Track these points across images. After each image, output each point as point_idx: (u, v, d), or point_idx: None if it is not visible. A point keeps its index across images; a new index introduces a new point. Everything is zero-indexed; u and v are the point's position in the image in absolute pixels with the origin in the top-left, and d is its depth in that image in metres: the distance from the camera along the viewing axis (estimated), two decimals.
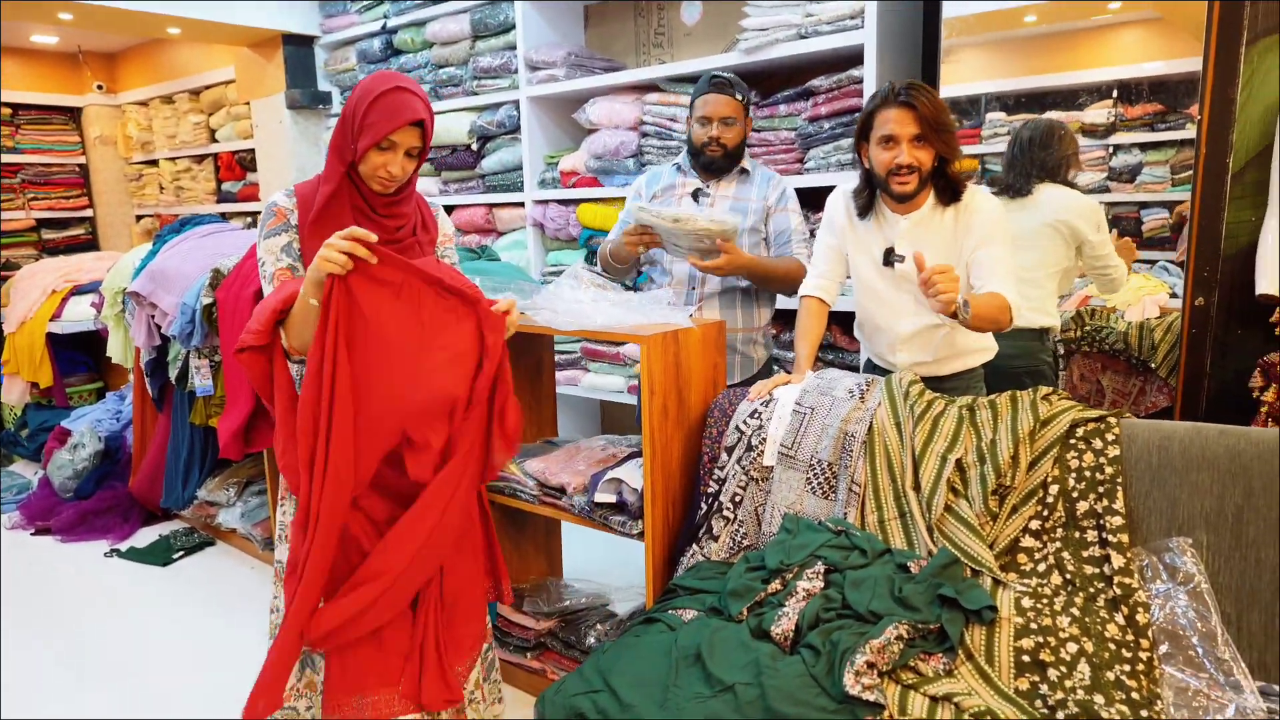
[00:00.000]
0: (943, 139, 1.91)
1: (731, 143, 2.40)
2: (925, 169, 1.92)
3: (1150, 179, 2.70)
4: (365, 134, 1.67)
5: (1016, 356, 2.47)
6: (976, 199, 1.98)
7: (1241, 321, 2.18)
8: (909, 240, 1.98)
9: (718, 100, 2.36)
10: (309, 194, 1.76)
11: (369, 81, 1.70)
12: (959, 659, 1.44)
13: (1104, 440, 1.59)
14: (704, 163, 2.44)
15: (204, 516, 3.58)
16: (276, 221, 1.74)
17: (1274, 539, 1.43)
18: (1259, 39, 2.10)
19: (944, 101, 1.95)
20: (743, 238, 2.40)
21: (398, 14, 4.18)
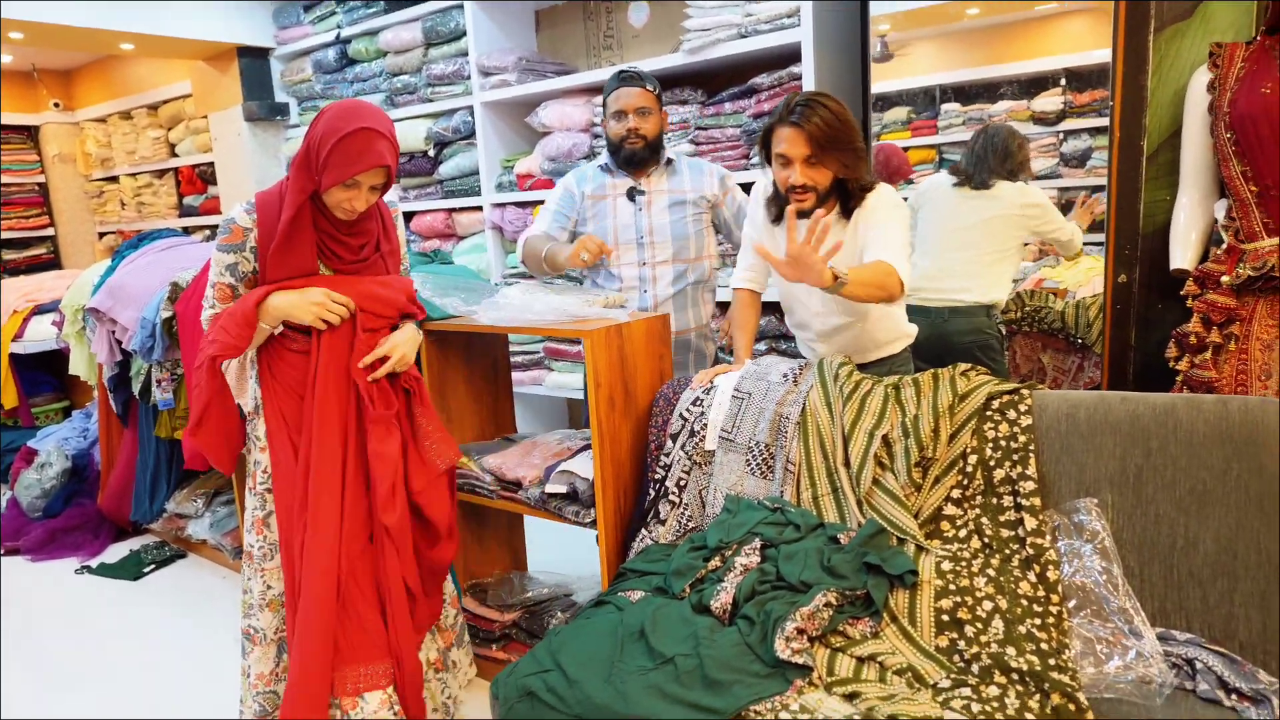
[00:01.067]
0: (839, 158, 1.89)
1: (651, 133, 2.43)
2: (821, 187, 1.92)
3: (1100, 163, 2.76)
4: (329, 172, 1.71)
5: (966, 332, 2.64)
6: (870, 200, 1.98)
7: (1161, 296, 2.28)
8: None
9: (629, 92, 2.40)
10: (271, 206, 1.80)
11: (335, 116, 1.72)
12: (884, 621, 1.52)
13: (1017, 411, 1.69)
14: (625, 156, 2.45)
15: (174, 529, 3.60)
16: (231, 239, 1.81)
17: (1170, 495, 1.52)
18: (1165, 26, 2.20)
19: (846, 116, 1.91)
20: (687, 227, 2.46)
21: (351, 24, 4.22)
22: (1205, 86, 2.07)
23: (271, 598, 1.97)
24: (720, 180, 2.54)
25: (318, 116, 1.76)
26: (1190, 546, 1.50)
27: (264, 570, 1.96)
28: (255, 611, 1.97)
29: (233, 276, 1.82)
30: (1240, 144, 1.96)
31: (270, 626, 1.97)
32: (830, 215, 1.85)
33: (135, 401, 3.50)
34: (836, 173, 1.93)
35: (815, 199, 1.94)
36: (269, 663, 1.99)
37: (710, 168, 2.55)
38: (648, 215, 2.45)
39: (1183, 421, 1.53)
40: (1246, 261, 1.95)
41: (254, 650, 1.99)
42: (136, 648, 2.84)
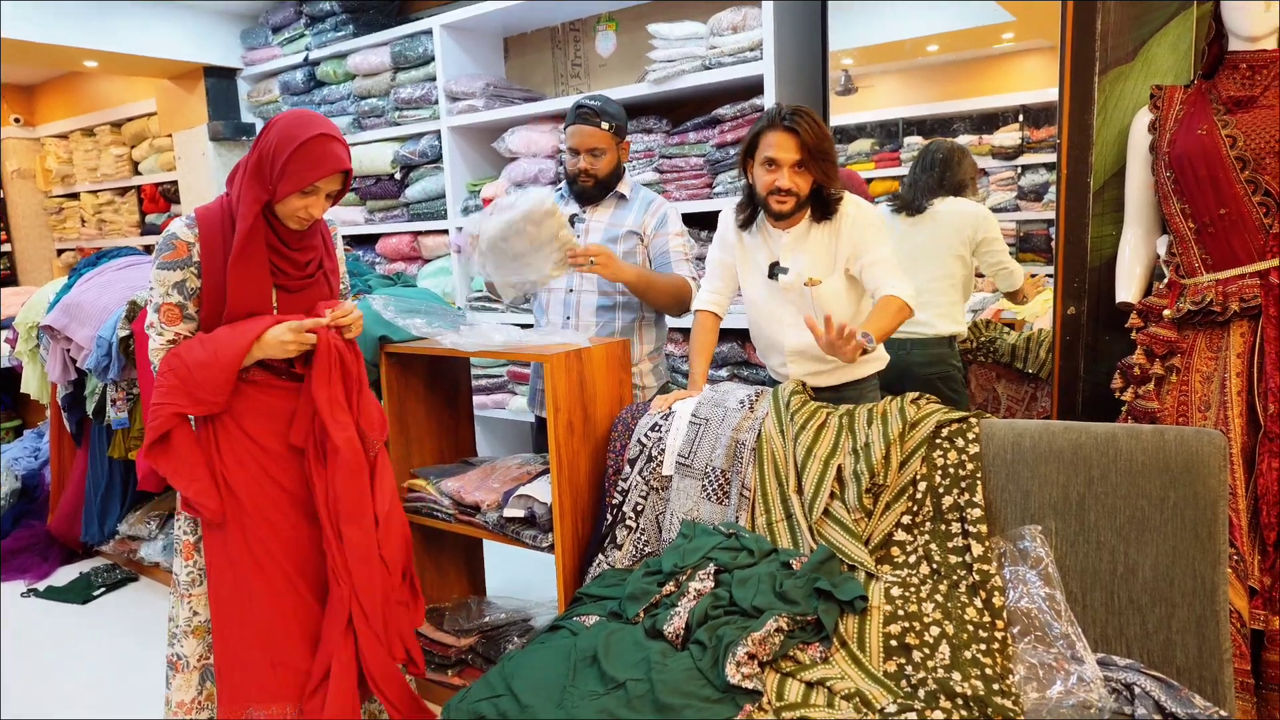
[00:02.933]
0: (821, 167, 2.00)
1: (602, 172, 2.41)
2: (802, 193, 2.02)
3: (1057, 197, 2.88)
4: (287, 180, 1.71)
5: (930, 364, 2.67)
6: (849, 209, 2.08)
7: (1109, 328, 2.34)
8: (791, 253, 2.10)
9: (583, 131, 2.37)
10: (213, 220, 1.78)
11: (288, 124, 1.73)
12: (834, 646, 1.54)
13: (965, 439, 1.72)
14: (576, 193, 2.47)
15: (125, 552, 3.53)
16: (175, 255, 1.76)
17: (1110, 523, 1.56)
18: (1109, 69, 2.29)
19: (827, 129, 2.04)
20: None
21: (319, 46, 4.23)
22: (1147, 127, 2.15)
23: (196, 624, 1.95)
24: (661, 220, 2.46)
25: (267, 127, 1.76)
26: (1130, 573, 1.53)
27: (190, 596, 1.94)
28: (180, 638, 1.95)
29: (180, 295, 1.79)
30: (1179, 183, 2.03)
31: (194, 654, 1.95)
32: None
33: (89, 421, 3.44)
34: (817, 179, 2.02)
35: (794, 203, 2.03)
36: (190, 690, 1.96)
37: (659, 207, 2.48)
38: (583, 243, 2.45)
39: (1123, 451, 1.57)
40: (1186, 296, 2.02)
41: (176, 677, 1.96)
42: (84, 672, 2.77)
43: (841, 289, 2.10)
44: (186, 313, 1.81)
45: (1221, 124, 1.97)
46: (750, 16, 2.95)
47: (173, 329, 1.80)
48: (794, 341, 2.14)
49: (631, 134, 3.34)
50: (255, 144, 1.76)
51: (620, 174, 2.49)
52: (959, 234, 2.66)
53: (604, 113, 2.39)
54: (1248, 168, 1.92)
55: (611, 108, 2.43)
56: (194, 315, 1.82)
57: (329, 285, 1.96)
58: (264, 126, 1.77)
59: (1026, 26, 2.93)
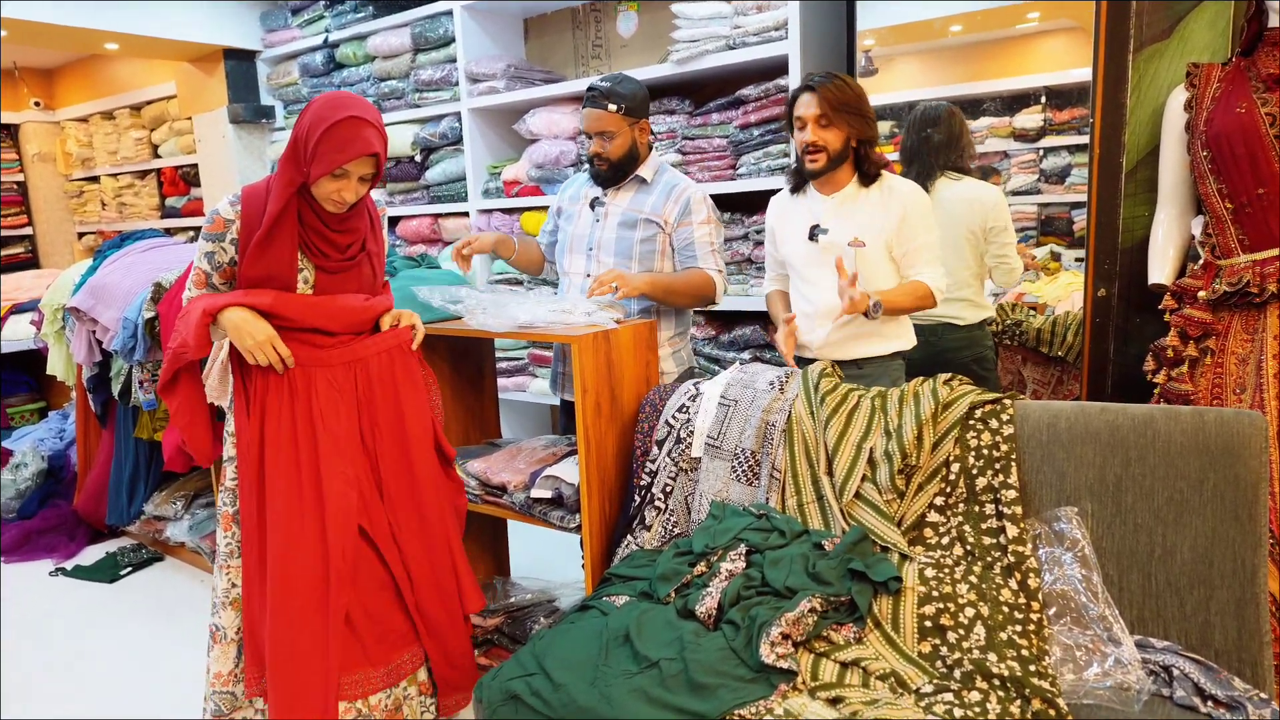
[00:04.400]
0: (849, 120, 2.06)
1: (615, 154, 2.35)
2: (832, 148, 2.08)
3: (1079, 180, 2.83)
4: (318, 162, 1.71)
5: (963, 347, 2.65)
6: (897, 182, 2.15)
7: (1140, 310, 2.32)
8: (834, 217, 2.14)
9: (591, 114, 2.33)
10: (257, 200, 1.81)
11: (322, 106, 1.73)
12: (868, 627, 1.54)
13: (999, 420, 1.71)
14: (593, 175, 2.44)
15: (151, 532, 3.57)
16: (212, 229, 1.83)
17: (1148, 505, 1.55)
18: (1144, 46, 2.25)
19: (858, 88, 2.09)
20: (632, 246, 2.40)
21: (339, 28, 4.22)
22: (1182, 105, 2.11)
23: (234, 596, 1.97)
24: (684, 208, 2.36)
25: (305, 109, 1.77)
26: (1168, 555, 1.52)
27: (229, 568, 1.97)
28: (219, 609, 1.98)
29: (208, 264, 1.86)
30: (1216, 162, 2.00)
31: (231, 625, 1.97)
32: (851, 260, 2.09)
33: (114, 402, 3.47)
34: (848, 135, 2.08)
35: (826, 159, 2.09)
36: (228, 662, 1.98)
37: (682, 192, 2.38)
38: (601, 228, 2.42)
39: (1161, 432, 1.56)
40: (1222, 277, 2.00)
41: (215, 648, 1.99)
42: (112, 650, 2.81)
43: (883, 258, 2.14)
44: (211, 281, 1.88)
45: (1261, 102, 1.93)
46: None
47: (197, 290, 1.89)
48: (827, 302, 2.13)
49: (653, 115, 3.32)
50: (294, 126, 1.78)
51: (637, 156, 2.40)
52: (972, 220, 2.62)
53: (612, 94, 2.32)
54: None
55: (624, 88, 2.34)
56: (217, 286, 1.88)
57: (371, 268, 1.96)
58: (304, 108, 1.79)
59: (1052, 6, 2.88)
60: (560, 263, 2.54)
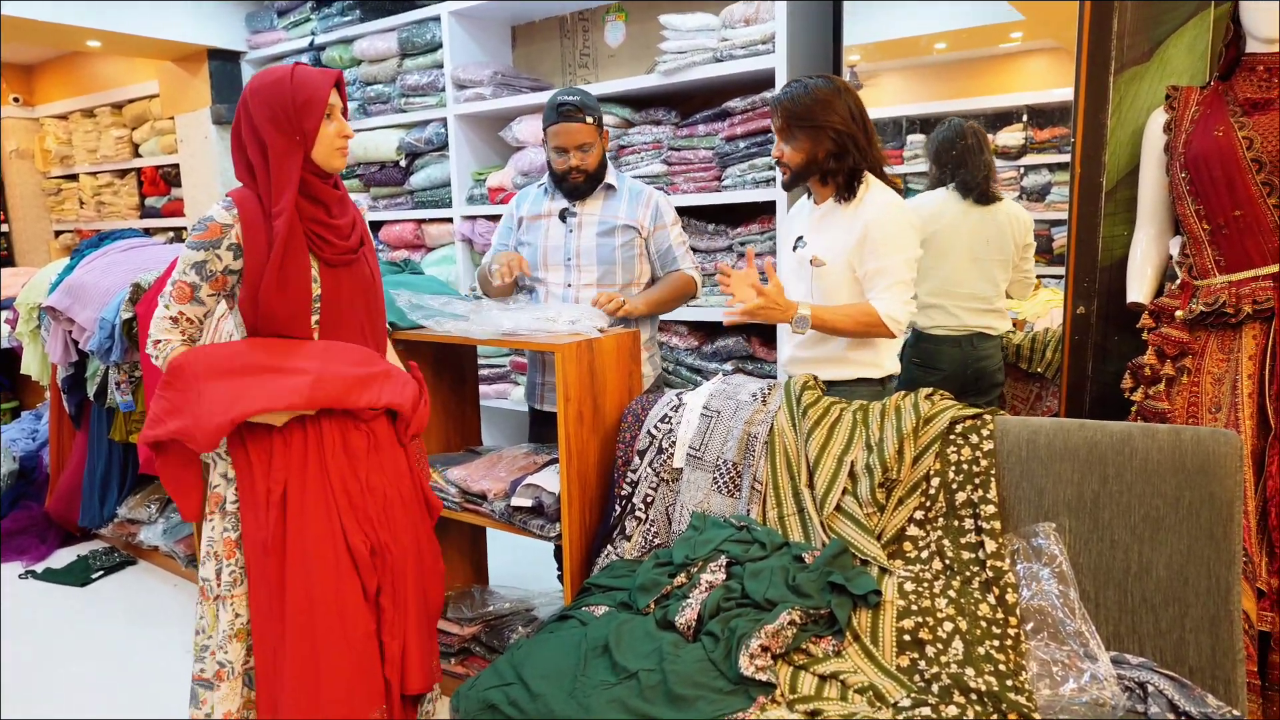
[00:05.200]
0: (809, 135, 1.98)
1: (591, 165, 2.38)
2: (793, 163, 2.03)
3: (1059, 198, 2.87)
4: (309, 112, 1.66)
5: (992, 355, 2.75)
6: (869, 199, 2.02)
7: (1118, 328, 2.34)
8: (814, 229, 2.11)
9: (569, 129, 2.33)
10: (250, 203, 1.70)
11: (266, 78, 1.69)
12: (847, 640, 1.54)
13: (980, 435, 1.72)
14: (568, 190, 2.43)
15: (124, 535, 3.52)
16: (206, 236, 1.69)
17: (1125, 522, 1.57)
18: (1125, 68, 2.28)
19: (825, 97, 1.97)
20: (615, 253, 2.43)
21: (325, 31, 4.20)
22: (1162, 127, 2.15)
23: (239, 627, 1.80)
24: (655, 213, 2.45)
25: (243, 101, 1.69)
26: (1144, 572, 1.54)
27: (232, 598, 1.79)
28: (225, 643, 1.79)
29: (198, 275, 1.70)
30: (1194, 184, 2.03)
31: (239, 659, 1.81)
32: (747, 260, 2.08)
33: (89, 403, 3.42)
34: (809, 152, 2.01)
35: (789, 174, 2.06)
36: (236, 698, 1.81)
37: (651, 197, 2.46)
38: (577, 238, 2.43)
39: (1138, 450, 1.58)
40: (1199, 297, 2.02)
41: (220, 687, 1.80)
42: (82, 655, 2.76)
43: (847, 277, 2.05)
44: (198, 294, 1.72)
45: (1238, 126, 1.96)
46: (763, 9, 2.93)
47: (179, 305, 1.73)
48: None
49: (639, 125, 3.33)
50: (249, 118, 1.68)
51: (605, 164, 2.46)
52: (1017, 237, 2.71)
53: (585, 107, 2.35)
54: (1264, 170, 1.92)
55: (589, 100, 2.39)
56: (204, 300, 1.73)
57: (370, 268, 1.87)
58: (240, 105, 1.70)
59: (1035, 26, 2.92)
60: (538, 288, 2.53)
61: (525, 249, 2.53)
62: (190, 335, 1.75)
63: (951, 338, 2.69)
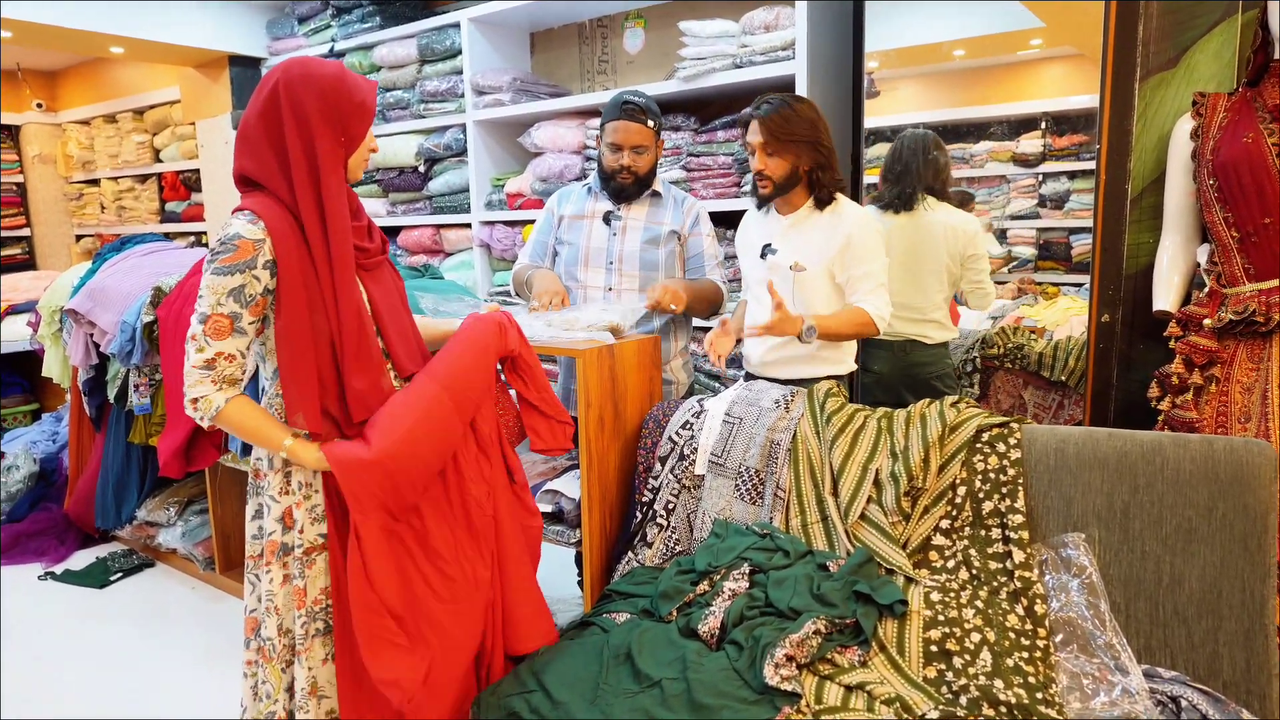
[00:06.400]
0: (794, 149, 2.07)
1: (643, 170, 2.40)
2: (777, 177, 2.10)
3: (1078, 206, 2.86)
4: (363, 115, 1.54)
5: (929, 364, 2.75)
6: (847, 209, 2.14)
7: (1144, 336, 2.32)
8: (784, 239, 2.18)
9: (629, 128, 2.35)
10: (276, 211, 1.51)
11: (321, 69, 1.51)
12: (873, 650, 1.52)
13: (1007, 444, 1.71)
14: (614, 189, 2.44)
15: (143, 537, 3.53)
16: (236, 258, 1.47)
17: (1156, 533, 1.54)
18: (1150, 75, 2.26)
19: (807, 114, 2.09)
20: (659, 258, 2.45)
21: (345, 37, 4.22)
22: (1189, 134, 2.12)
23: (312, 682, 1.64)
24: (695, 220, 2.50)
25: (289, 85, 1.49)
26: (1176, 584, 1.51)
27: (309, 650, 1.63)
28: (303, 705, 1.63)
29: (237, 303, 1.48)
30: (1223, 191, 2.01)
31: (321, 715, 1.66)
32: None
33: (109, 406, 3.44)
34: (794, 165, 2.10)
35: (772, 187, 2.13)
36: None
37: (692, 206, 2.52)
38: (620, 242, 2.44)
39: (1170, 460, 1.55)
40: (1228, 305, 2.00)
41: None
42: (100, 657, 2.77)
43: (824, 282, 2.15)
44: (239, 325, 1.50)
45: (1268, 132, 1.94)
46: (783, 15, 2.93)
47: (217, 344, 1.49)
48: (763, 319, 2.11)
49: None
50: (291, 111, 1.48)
51: (654, 173, 2.49)
52: (950, 246, 2.72)
53: (649, 110, 2.39)
54: None
55: (653, 105, 2.43)
56: (246, 329, 1.52)
57: (393, 270, 1.77)
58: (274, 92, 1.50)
59: (1055, 32, 2.91)
60: (572, 274, 2.53)
61: (565, 248, 2.53)
62: (230, 376, 1.52)
63: (884, 342, 2.72)
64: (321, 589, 1.64)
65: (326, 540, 1.63)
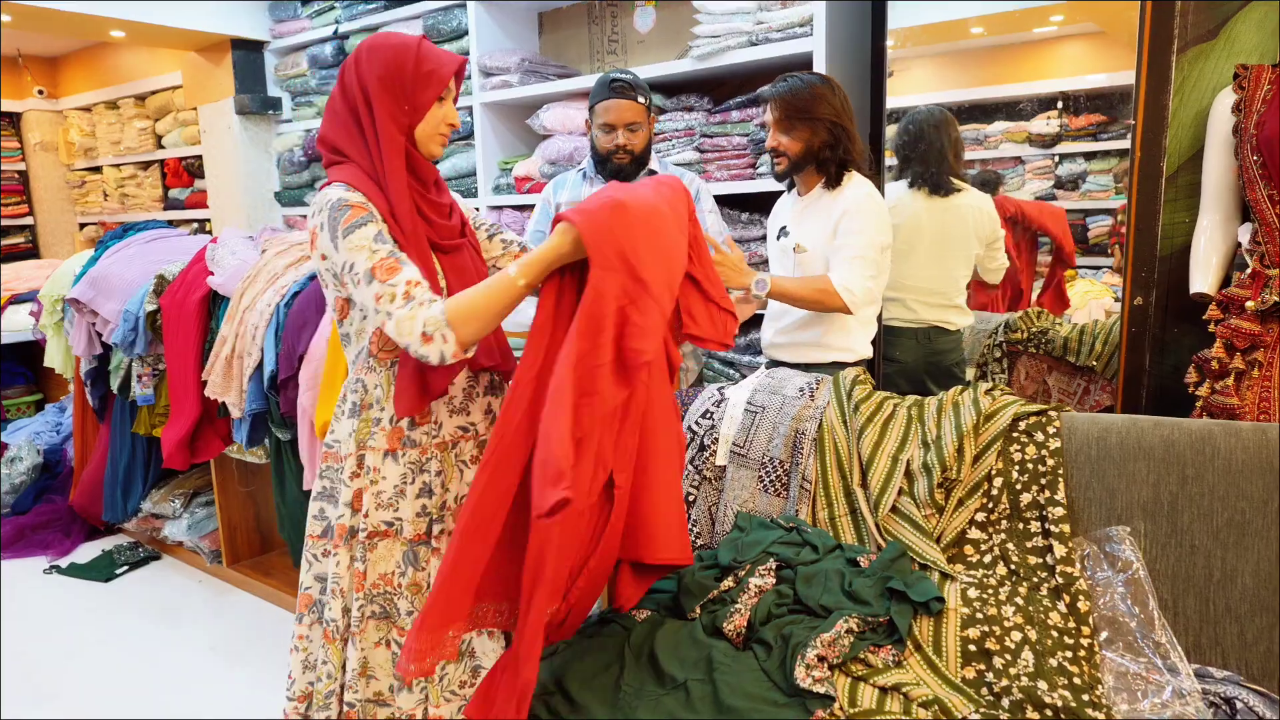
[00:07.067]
0: (808, 127, 2.05)
1: (639, 148, 2.37)
2: (792, 153, 2.09)
3: (1094, 187, 2.79)
4: (429, 83, 1.48)
5: (951, 350, 2.71)
6: (849, 188, 2.10)
7: (1178, 319, 2.24)
8: (798, 219, 2.17)
9: (620, 106, 2.30)
10: (367, 184, 1.49)
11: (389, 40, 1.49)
12: (908, 650, 1.45)
13: (1045, 433, 1.63)
14: (611, 170, 2.38)
15: (149, 530, 3.48)
16: (357, 214, 1.43)
17: (1206, 526, 1.47)
18: (1189, 47, 2.17)
19: (821, 92, 2.06)
20: None
21: (350, 19, 4.14)
22: (1230, 108, 2.03)
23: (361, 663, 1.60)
24: (696, 194, 2.46)
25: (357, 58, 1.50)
26: (1228, 580, 1.44)
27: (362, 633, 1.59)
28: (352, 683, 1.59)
29: (384, 244, 1.41)
30: (1267, 167, 1.92)
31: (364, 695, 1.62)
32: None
33: (113, 396, 3.38)
34: (808, 143, 2.07)
35: (787, 164, 2.12)
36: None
37: (694, 181, 2.48)
38: None
39: (1220, 449, 1.48)
40: (1273, 287, 1.91)
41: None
42: (107, 651, 2.72)
43: (825, 265, 2.12)
44: (400, 256, 1.42)
45: None
46: None
47: (396, 280, 1.38)
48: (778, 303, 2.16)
49: (671, 112, 3.24)
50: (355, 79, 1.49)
51: (650, 151, 2.45)
52: (979, 230, 2.65)
53: (638, 86, 2.36)
54: None
55: (641, 81, 2.40)
56: (407, 258, 1.44)
57: (475, 254, 1.66)
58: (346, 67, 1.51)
59: (1076, 8, 2.82)
60: None
61: None
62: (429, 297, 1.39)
63: (908, 330, 2.67)
64: (380, 574, 1.60)
65: (390, 527, 1.59)
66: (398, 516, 1.59)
